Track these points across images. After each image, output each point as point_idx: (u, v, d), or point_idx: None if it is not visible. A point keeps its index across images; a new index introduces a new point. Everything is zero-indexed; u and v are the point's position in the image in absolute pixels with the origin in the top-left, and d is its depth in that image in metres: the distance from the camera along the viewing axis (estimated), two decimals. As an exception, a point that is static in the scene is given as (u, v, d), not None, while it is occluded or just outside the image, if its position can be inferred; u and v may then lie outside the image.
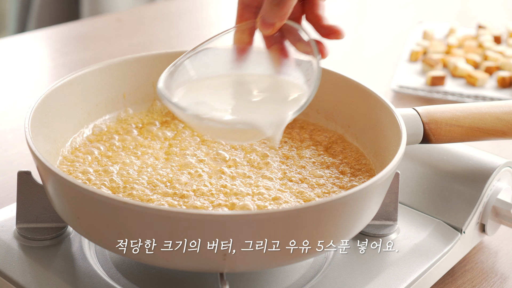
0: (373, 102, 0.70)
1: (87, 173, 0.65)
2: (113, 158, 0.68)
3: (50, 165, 0.56)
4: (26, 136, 0.60)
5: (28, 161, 0.90)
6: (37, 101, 0.65)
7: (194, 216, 0.52)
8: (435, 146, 0.74)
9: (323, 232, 0.56)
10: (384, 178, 0.58)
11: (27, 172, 0.66)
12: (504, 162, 0.72)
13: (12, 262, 0.63)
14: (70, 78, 0.70)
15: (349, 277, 0.63)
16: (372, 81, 1.19)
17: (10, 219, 0.68)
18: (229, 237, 0.53)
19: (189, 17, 1.48)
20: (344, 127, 0.74)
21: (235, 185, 0.64)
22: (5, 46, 1.30)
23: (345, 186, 0.66)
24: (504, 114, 0.71)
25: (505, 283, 0.72)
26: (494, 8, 1.62)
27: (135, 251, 0.55)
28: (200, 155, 0.69)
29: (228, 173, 0.66)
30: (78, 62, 1.22)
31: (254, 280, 0.63)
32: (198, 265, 0.55)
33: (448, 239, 0.70)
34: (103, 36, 1.34)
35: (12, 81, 1.14)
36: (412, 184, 0.74)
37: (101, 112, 0.74)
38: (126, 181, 0.64)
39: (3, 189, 0.84)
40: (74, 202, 0.57)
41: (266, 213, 0.53)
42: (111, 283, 0.61)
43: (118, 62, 0.74)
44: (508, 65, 1.18)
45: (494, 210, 0.72)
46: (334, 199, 0.54)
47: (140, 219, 0.53)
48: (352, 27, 1.50)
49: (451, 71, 1.18)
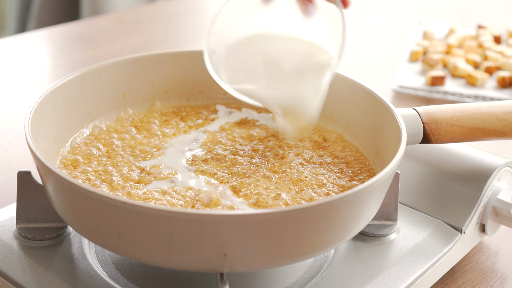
0: (373, 102, 0.70)
1: (86, 173, 0.65)
2: (113, 158, 0.68)
3: (50, 165, 0.56)
4: (26, 136, 0.60)
5: (28, 161, 0.90)
6: (37, 101, 0.65)
7: (194, 216, 0.52)
8: (435, 146, 0.74)
9: (323, 232, 0.56)
10: (384, 178, 0.58)
11: (27, 172, 0.66)
12: (504, 162, 0.72)
13: (12, 262, 0.63)
14: (70, 78, 0.70)
15: (349, 277, 0.63)
16: (372, 81, 1.19)
17: (10, 219, 0.68)
18: (229, 237, 0.53)
19: (189, 17, 1.48)
20: (344, 127, 0.74)
21: (235, 184, 0.64)
22: (5, 46, 1.30)
23: (345, 186, 0.66)
24: (504, 114, 0.71)
25: (505, 283, 0.72)
26: (494, 8, 1.62)
27: (135, 251, 0.56)
28: (199, 154, 0.69)
29: (227, 172, 0.66)
30: (78, 62, 1.22)
31: (254, 280, 0.63)
32: (198, 265, 0.55)
33: (448, 239, 0.70)
34: (103, 36, 1.34)
35: (12, 81, 1.14)
36: (412, 184, 0.74)
37: (101, 112, 0.74)
38: (125, 181, 0.64)
39: (3, 189, 0.84)
40: (74, 202, 0.57)
41: (266, 213, 0.53)
42: (111, 283, 0.61)
43: (118, 62, 0.74)
44: (508, 65, 1.18)
45: (494, 210, 0.72)
46: (334, 199, 0.54)
47: (140, 219, 0.53)
48: (352, 27, 1.50)
49: (451, 71, 1.18)
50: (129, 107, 0.76)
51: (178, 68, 0.77)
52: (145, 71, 0.76)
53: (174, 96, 0.78)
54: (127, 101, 0.76)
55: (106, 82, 0.74)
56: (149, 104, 0.77)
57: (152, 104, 0.77)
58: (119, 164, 0.67)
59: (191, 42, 1.32)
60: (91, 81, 0.72)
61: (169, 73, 0.77)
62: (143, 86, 0.76)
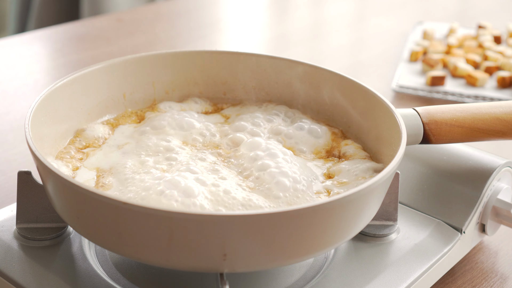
0: (373, 102, 0.70)
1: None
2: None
3: (50, 165, 0.56)
4: (26, 136, 0.60)
5: (28, 161, 0.90)
6: (37, 101, 0.65)
7: (194, 216, 0.52)
8: (435, 146, 0.74)
9: (323, 232, 0.56)
10: (384, 178, 0.58)
11: (27, 172, 0.66)
12: (504, 162, 0.72)
13: (12, 262, 0.63)
14: (70, 78, 0.70)
15: (349, 277, 0.63)
16: (372, 81, 1.19)
17: (10, 219, 0.68)
18: (229, 237, 0.53)
19: (189, 17, 1.48)
20: (344, 127, 0.74)
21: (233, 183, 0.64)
22: (5, 46, 1.30)
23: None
24: (504, 115, 0.71)
25: (505, 283, 0.72)
26: (494, 8, 1.62)
27: (135, 251, 0.56)
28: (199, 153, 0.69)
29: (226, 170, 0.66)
30: (78, 62, 1.22)
31: (254, 280, 0.63)
32: (198, 265, 0.55)
33: (448, 239, 0.70)
34: (103, 36, 1.34)
35: (12, 81, 1.14)
36: (412, 184, 0.74)
37: (101, 112, 0.74)
38: (125, 180, 0.64)
39: (3, 189, 0.84)
40: (74, 202, 0.57)
41: (266, 213, 0.53)
42: (111, 283, 0.61)
43: (118, 62, 0.74)
44: (508, 65, 1.18)
45: (494, 210, 0.72)
46: (334, 199, 0.54)
47: (140, 219, 0.53)
48: (352, 27, 1.50)
49: (451, 71, 1.18)
50: (129, 107, 0.76)
51: (178, 68, 0.77)
52: (145, 71, 0.76)
53: (174, 96, 0.78)
54: (127, 101, 0.76)
55: (106, 82, 0.74)
56: (149, 104, 0.77)
57: (152, 104, 0.77)
58: (119, 163, 0.67)
59: (191, 42, 1.32)
60: (91, 81, 0.72)
61: (169, 73, 0.77)
62: (143, 86, 0.76)
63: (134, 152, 0.67)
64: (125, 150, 0.68)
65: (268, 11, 1.62)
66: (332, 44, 1.39)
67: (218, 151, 0.69)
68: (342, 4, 1.64)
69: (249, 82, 0.78)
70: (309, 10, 1.62)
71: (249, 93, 0.78)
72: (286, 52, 1.32)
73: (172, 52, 0.77)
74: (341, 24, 1.52)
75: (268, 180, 0.63)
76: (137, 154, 0.67)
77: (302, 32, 1.47)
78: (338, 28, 1.49)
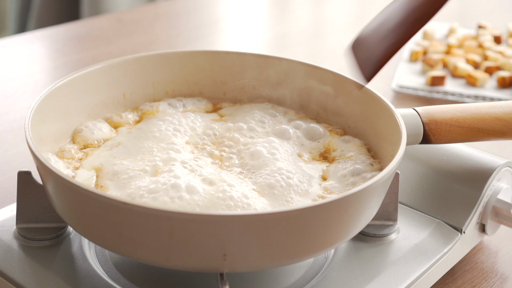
0: (373, 102, 0.70)
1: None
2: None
3: (50, 165, 0.56)
4: (26, 136, 0.60)
5: (28, 161, 0.90)
6: (37, 101, 0.65)
7: (194, 216, 0.52)
8: (435, 146, 0.74)
9: (323, 232, 0.56)
10: (384, 178, 0.58)
11: (27, 172, 0.66)
12: (504, 162, 0.72)
13: (12, 262, 0.63)
14: (70, 78, 0.70)
15: (349, 277, 0.63)
16: (372, 81, 1.19)
17: (10, 219, 0.68)
18: (229, 237, 0.53)
19: (189, 17, 1.48)
20: (344, 127, 0.74)
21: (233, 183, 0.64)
22: (5, 46, 1.30)
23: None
24: (504, 115, 0.71)
25: (505, 283, 0.72)
26: (494, 8, 1.62)
27: (135, 251, 0.56)
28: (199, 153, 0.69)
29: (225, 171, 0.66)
30: (78, 62, 1.22)
31: (254, 280, 0.63)
32: (198, 265, 0.55)
33: (448, 239, 0.70)
34: (103, 36, 1.34)
35: (12, 81, 1.14)
36: (412, 184, 0.74)
37: (101, 112, 0.74)
38: (124, 180, 0.64)
39: (3, 189, 0.84)
40: (74, 202, 0.57)
41: (266, 213, 0.53)
42: (111, 283, 0.61)
43: (118, 62, 0.74)
44: (508, 65, 1.18)
45: (494, 210, 0.72)
46: (334, 199, 0.54)
47: (140, 219, 0.53)
48: (352, 27, 1.50)
49: (451, 71, 1.18)
50: (129, 107, 0.76)
51: (178, 68, 0.77)
52: (145, 71, 0.76)
53: (174, 96, 0.78)
54: (127, 101, 0.76)
55: (106, 82, 0.74)
56: (149, 104, 0.77)
57: (152, 104, 0.77)
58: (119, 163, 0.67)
59: (191, 42, 1.32)
60: (91, 81, 0.72)
61: (169, 73, 0.77)
62: (143, 86, 0.76)
63: (133, 152, 0.67)
64: (125, 150, 0.68)
65: (268, 11, 1.62)
66: (332, 44, 1.39)
67: (217, 150, 0.69)
68: (342, 4, 1.64)
69: (249, 82, 0.78)
70: (309, 10, 1.62)
71: (249, 93, 0.78)
72: (286, 52, 1.32)
73: (172, 52, 0.77)
74: (341, 24, 1.52)
75: (268, 179, 0.63)
76: (137, 154, 0.67)
77: (302, 32, 1.47)
78: (338, 28, 1.49)
